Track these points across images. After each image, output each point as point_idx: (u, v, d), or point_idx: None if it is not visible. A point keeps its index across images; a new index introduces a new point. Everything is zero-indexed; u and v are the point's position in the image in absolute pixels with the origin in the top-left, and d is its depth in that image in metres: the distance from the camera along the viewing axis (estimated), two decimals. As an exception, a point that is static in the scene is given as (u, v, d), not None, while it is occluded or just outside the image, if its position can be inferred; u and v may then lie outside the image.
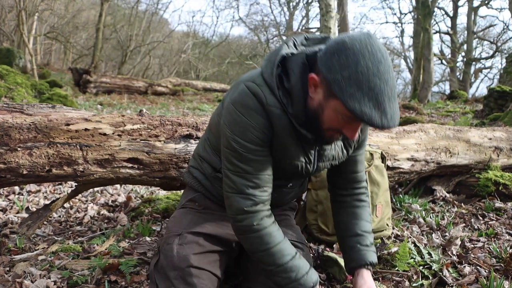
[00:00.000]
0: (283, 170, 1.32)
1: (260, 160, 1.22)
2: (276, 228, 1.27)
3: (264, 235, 1.23)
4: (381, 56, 1.02)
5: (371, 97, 1.00)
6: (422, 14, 14.87)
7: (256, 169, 1.22)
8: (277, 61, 1.17)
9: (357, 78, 1.00)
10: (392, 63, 7.08)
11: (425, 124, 2.87)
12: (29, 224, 1.88)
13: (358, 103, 1.01)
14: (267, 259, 1.23)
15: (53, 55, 24.35)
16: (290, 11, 26.73)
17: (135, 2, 22.20)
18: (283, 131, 1.21)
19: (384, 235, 2.06)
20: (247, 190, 1.22)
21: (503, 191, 2.83)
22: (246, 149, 1.20)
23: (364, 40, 1.03)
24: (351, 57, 1.02)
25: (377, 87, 1.00)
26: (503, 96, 7.20)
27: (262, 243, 1.23)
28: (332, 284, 1.68)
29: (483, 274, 1.73)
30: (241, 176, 1.22)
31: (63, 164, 1.68)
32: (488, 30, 24.32)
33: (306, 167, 1.32)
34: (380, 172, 2.08)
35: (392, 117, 1.02)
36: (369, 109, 1.00)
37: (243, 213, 1.23)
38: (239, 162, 1.21)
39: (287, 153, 1.26)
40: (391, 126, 1.03)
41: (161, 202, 2.67)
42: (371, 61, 1.01)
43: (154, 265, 1.38)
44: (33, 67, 12.01)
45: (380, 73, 1.01)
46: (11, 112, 1.65)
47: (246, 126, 1.18)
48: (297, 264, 1.24)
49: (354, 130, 1.13)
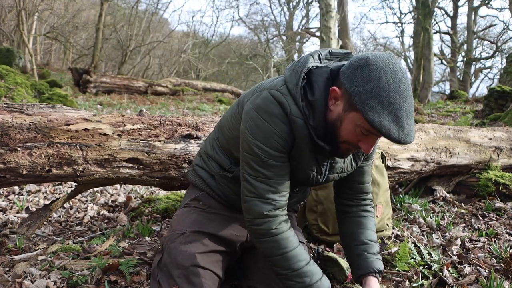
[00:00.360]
0: (295, 178, 1.34)
1: (280, 166, 1.24)
2: (292, 233, 1.29)
3: (281, 239, 1.25)
4: (401, 75, 1.08)
5: (390, 111, 1.05)
6: (422, 14, 14.87)
7: (277, 174, 1.24)
8: (304, 73, 1.19)
9: (379, 93, 1.05)
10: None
11: (425, 124, 2.87)
12: (29, 224, 1.88)
13: (378, 116, 1.04)
14: (283, 264, 1.24)
15: (53, 55, 24.35)
16: (290, 11, 26.73)
17: (135, 2, 22.19)
18: (302, 141, 1.23)
19: (384, 235, 2.06)
20: (267, 195, 1.24)
21: (503, 191, 2.83)
22: (268, 155, 1.21)
23: (387, 59, 1.09)
24: (373, 73, 1.06)
25: (396, 102, 1.05)
26: (503, 96, 7.20)
27: (279, 247, 1.24)
28: (332, 284, 1.67)
29: (483, 274, 1.73)
30: (262, 181, 1.24)
31: (63, 164, 1.68)
32: (488, 30, 24.34)
33: (317, 177, 1.35)
34: (380, 172, 2.08)
35: (409, 133, 1.07)
36: (388, 122, 1.04)
37: (262, 217, 1.24)
38: (260, 168, 1.23)
39: (303, 163, 1.29)
40: (408, 141, 1.07)
41: (161, 202, 2.67)
42: (392, 78, 1.06)
43: (157, 263, 1.38)
44: (33, 67, 12.01)
45: (400, 90, 1.05)
46: (11, 112, 1.64)
47: (269, 133, 1.20)
48: (312, 269, 1.26)
49: (370, 144, 1.16)
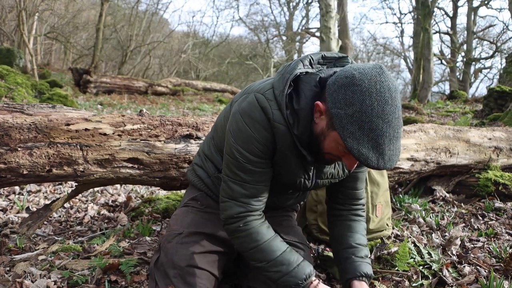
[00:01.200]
0: (282, 183, 1.34)
1: (259, 171, 1.24)
2: (265, 226, 1.28)
3: (252, 233, 1.25)
4: (388, 96, 1.01)
5: (371, 138, 1.01)
6: (422, 14, 14.87)
7: (255, 179, 1.24)
8: (290, 80, 1.16)
9: (360, 118, 1.00)
10: (392, 63, 6.88)
11: (425, 124, 2.87)
12: (29, 224, 1.88)
13: (356, 143, 1.01)
14: (258, 256, 1.25)
15: (53, 55, 24.34)
16: (290, 11, 26.73)
17: (135, 2, 22.19)
18: (286, 147, 1.22)
19: (384, 235, 2.06)
20: (242, 198, 1.24)
21: (503, 191, 2.83)
22: (247, 160, 1.21)
23: (374, 77, 1.02)
24: (357, 94, 1.01)
25: (379, 128, 1.00)
26: (503, 96, 7.20)
27: (251, 241, 1.25)
28: (332, 284, 1.68)
29: (483, 274, 1.73)
30: (239, 184, 1.24)
31: (63, 164, 1.68)
32: (488, 30, 24.34)
33: (305, 182, 1.34)
34: (380, 172, 2.09)
35: (390, 159, 1.03)
36: (367, 150, 1.01)
37: (234, 218, 1.26)
38: (238, 171, 1.23)
39: (288, 168, 1.28)
40: (388, 167, 1.04)
41: (161, 202, 2.67)
42: (377, 101, 1.00)
43: (154, 263, 1.38)
44: (33, 67, 12.01)
45: (384, 114, 1.00)
46: (11, 112, 1.65)
47: (250, 138, 1.19)
48: (288, 257, 1.24)
49: (353, 161, 1.13)
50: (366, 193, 2.00)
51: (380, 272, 1.72)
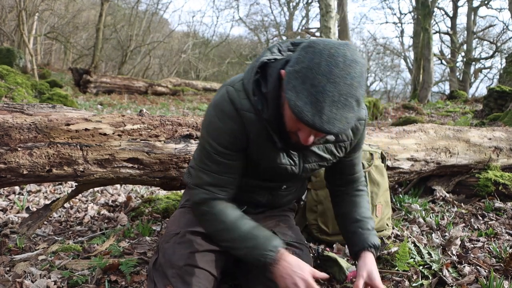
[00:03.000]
0: (268, 172, 1.34)
1: (227, 163, 1.26)
2: (230, 207, 1.30)
3: (218, 214, 1.27)
4: (341, 61, 0.98)
5: (310, 93, 0.98)
6: (422, 14, 14.87)
7: (221, 170, 1.27)
8: (256, 67, 1.17)
9: (305, 73, 0.99)
10: (392, 63, 6.87)
11: (425, 124, 2.87)
12: (30, 224, 1.88)
13: (295, 95, 0.99)
14: (225, 235, 1.26)
15: (53, 55, 24.34)
16: (290, 11, 26.74)
17: (135, 2, 22.19)
18: (258, 135, 1.23)
19: (384, 235, 2.06)
20: (208, 187, 1.28)
21: (502, 191, 2.83)
22: (215, 151, 1.25)
23: (333, 45, 1.01)
24: (309, 54, 1.01)
25: (321, 85, 0.97)
26: (503, 96, 7.20)
27: (217, 222, 1.27)
28: (332, 284, 1.68)
29: (483, 274, 1.73)
30: (206, 174, 1.28)
31: (63, 164, 1.68)
32: (488, 30, 24.35)
33: (292, 169, 1.33)
34: (380, 172, 2.09)
35: (330, 121, 0.98)
36: (303, 103, 0.98)
37: (199, 203, 1.30)
38: (206, 160, 1.27)
39: (268, 156, 1.28)
40: (325, 128, 0.98)
41: (161, 202, 2.67)
42: (326, 62, 0.98)
43: (152, 264, 1.39)
44: (33, 67, 12.02)
45: (331, 75, 0.97)
46: (11, 112, 1.65)
47: (219, 130, 1.22)
48: (255, 232, 1.24)
49: (305, 133, 1.09)
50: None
51: (380, 272, 1.72)
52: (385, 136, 2.56)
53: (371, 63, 31.53)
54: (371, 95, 29.58)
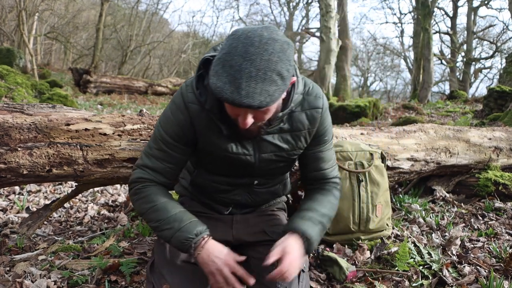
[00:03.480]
0: (227, 164, 1.36)
1: (169, 153, 1.32)
2: (162, 190, 1.34)
3: (149, 195, 1.30)
4: (257, 41, 1.04)
5: (229, 73, 1.03)
6: (422, 14, 14.87)
7: (162, 158, 1.33)
8: (200, 63, 1.24)
9: (224, 58, 1.05)
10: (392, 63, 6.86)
11: (425, 124, 2.87)
12: (29, 224, 1.88)
13: (216, 78, 1.05)
14: (153, 216, 1.28)
15: (53, 55, 24.34)
16: (290, 11, 26.73)
17: (135, 2, 22.18)
18: (204, 126, 1.28)
19: (384, 235, 2.06)
20: (147, 169, 1.33)
21: (502, 191, 2.83)
22: (162, 138, 1.32)
23: (252, 29, 1.07)
24: (229, 41, 1.07)
25: (237, 65, 1.03)
26: (503, 96, 7.20)
27: (147, 202, 1.29)
28: (332, 284, 1.68)
29: (483, 274, 1.73)
30: (149, 157, 1.34)
31: (63, 164, 1.68)
32: (488, 30, 24.35)
33: (247, 159, 1.34)
34: (380, 172, 2.09)
35: (249, 95, 1.02)
36: (223, 83, 1.03)
37: (135, 182, 1.33)
38: (153, 145, 1.34)
39: (219, 146, 1.31)
40: (244, 102, 1.02)
41: (161, 202, 2.67)
42: (242, 43, 1.04)
43: (149, 266, 1.40)
44: (33, 67, 12.01)
45: (247, 54, 1.03)
46: (11, 112, 1.65)
47: (169, 120, 1.31)
48: (181, 216, 1.26)
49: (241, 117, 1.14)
50: (366, 193, 2.01)
51: (380, 272, 1.72)
52: (385, 136, 2.56)
53: (371, 63, 31.55)
54: (371, 95, 29.58)
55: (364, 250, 1.90)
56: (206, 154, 1.36)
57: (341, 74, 14.83)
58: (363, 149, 2.09)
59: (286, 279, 1.18)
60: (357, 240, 1.99)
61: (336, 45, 12.82)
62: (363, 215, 1.99)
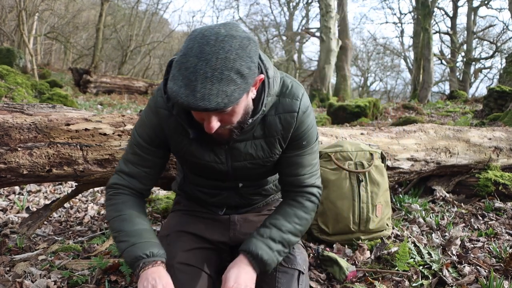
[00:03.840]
0: (202, 169, 1.35)
1: (143, 156, 1.32)
2: (135, 203, 1.31)
3: (118, 204, 1.29)
4: (214, 39, 0.98)
5: (185, 76, 0.98)
6: (422, 14, 14.87)
7: (136, 162, 1.32)
8: (167, 66, 1.15)
9: (180, 60, 1.00)
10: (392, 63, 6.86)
11: (425, 124, 2.87)
12: (30, 224, 1.88)
13: (173, 82, 1.00)
14: (116, 225, 1.26)
15: (53, 55, 24.34)
16: (290, 11, 26.73)
17: (135, 2, 22.18)
18: (174, 131, 1.26)
19: (384, 235, 2.06)
20: (123, 175, 1.33)
21: (502, 191, 2.83)
22: (136, 142, 1.32)
23: (209, 27, 1.02)
24: (186, 42, 1.02)
25: (192, 66, 0.97)
26: (503, 96, 7.19)
27: (115, 210, 1.28)
28: (332, 284, 1.68)
29: (483, 274, 1.73)
30: (124, 162, 1.34)
31: (63, 164, 1.68)
32: (488, 30, 24.35)
33: (219, 167, 1.31)
34: (380, 172, 2.09)
35: (204, 97, 0.97)
36: (179, 87, 0.99)
37: (110, 187, 1.33)
38: (129, 150, 1.34)
39: (190, 152, 1.29)
40: (200, 106, 0.97)
41: (161, 202, 2.67)
42: (198, 43, 0.99)
43: None
44: (33, 67, 12.01)
45: (202, 53, 0.97)
46: (11, 112, 1.65)
47: (143, 122, 1.31)
48: (141, 233, 1.23)
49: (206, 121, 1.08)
50: (366, 193, 2.01)
51: (380, 272, 1.72)
52: (385, 136, 2.56)
53: (371, 63, 31.54)
54: (371, 95, 29.58)
55: (364, 250, 1.90)
56: (180, 159, 1.36)
57: (341, 74, 14.84)
58: (363, 149, 2.09)
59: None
60: (357, 240, 1.99)
61: (336, 45, 12.83)
62: (363, 215, 1.99)
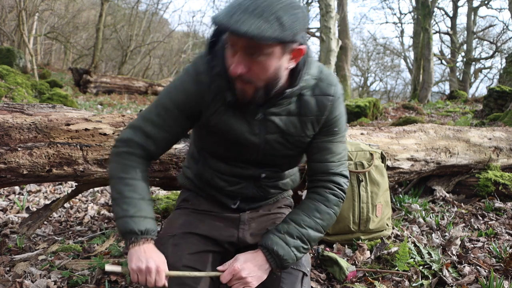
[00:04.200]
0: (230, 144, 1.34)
1: (168, 122, 1.29)
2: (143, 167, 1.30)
3: (127, 165, 1.27)
4: None
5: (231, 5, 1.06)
6: (422, 14, 14.88)
7: (160, 125, 1.29)
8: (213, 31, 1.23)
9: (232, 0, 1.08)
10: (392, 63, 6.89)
11: (425, 124, 2.87)
12: (29, 224, 1.88)
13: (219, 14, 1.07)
14: (119, 187, 1.24)
15: (53, 55, 24.35)
16: (290, 11, 26.67)
17: (135, 2, 22.18)
18: (214, 99, 1.26)
19: (384, 235, 2.06)
20: (139, 132, 1.29)
21: (502, 191, 2.83)
22: (163, 104, 1.29)
23: None
24: None
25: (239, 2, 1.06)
26: (503, 96, 7.20)
27: (121, 171, 1.26)
28: (332, 284, 1.68)
29: (483, 274, 1.73)
30: (144, 120, 1.30)
31: (63, 164, 1.68)
32: (488, 30, 24.37)
33: (252, 139, 1.31)
34: (380, 172, 2.09)
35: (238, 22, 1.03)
36: (221, 13, 1.06)
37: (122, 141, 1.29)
38: (153, 109, 1.30)
39: (225, 123, 1.29)
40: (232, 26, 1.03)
41: (161, 202, 2.67)
42: None
43: None
44: (33, 67, 12.01)
45: None
46: (11, 112, 1.65)
47: (177, 88, 1.29)
48: (143, 206, 1.23)
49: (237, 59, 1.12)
50: (366, 193, 2.01)
51: (380, 272, 1.72)
52: (385, 136, 2.56)
53: (371, 63, 31.54)
54: (371, 95, 29.57)
55: (364, 250, 1.90)
56: (210, 131, 1.32)
57: (341, 74, 14.84)
58: (363, 149, 2.09)
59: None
60: (357, 240, 1.99)
61: (336, 45, 12.83)
62: (363, 215, 1.99)
